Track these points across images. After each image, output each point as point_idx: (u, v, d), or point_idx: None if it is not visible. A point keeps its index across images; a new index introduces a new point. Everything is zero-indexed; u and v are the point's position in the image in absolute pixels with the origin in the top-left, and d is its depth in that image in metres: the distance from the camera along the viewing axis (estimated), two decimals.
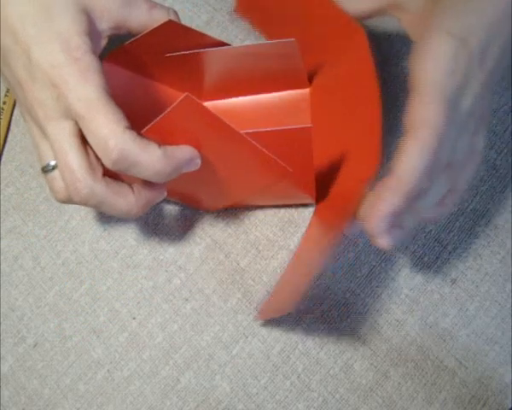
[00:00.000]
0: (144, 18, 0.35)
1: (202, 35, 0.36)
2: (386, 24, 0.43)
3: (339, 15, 0.35)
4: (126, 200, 0.32)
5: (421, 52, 0.29)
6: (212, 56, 0.38)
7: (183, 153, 0.31)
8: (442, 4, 0.30)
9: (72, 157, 0.31)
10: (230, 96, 0.42)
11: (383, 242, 0.30)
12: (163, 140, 0.31)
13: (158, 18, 0.35)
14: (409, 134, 0.29)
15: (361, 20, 0.34)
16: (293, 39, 0.35)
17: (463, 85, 0.29)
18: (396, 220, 0.30)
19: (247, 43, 0.44)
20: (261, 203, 0.40)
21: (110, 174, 0.32)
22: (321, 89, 0.41)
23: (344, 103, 0.38)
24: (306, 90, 0.42)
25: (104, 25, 0.33)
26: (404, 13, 0.33)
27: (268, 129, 0.33)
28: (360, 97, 0.35)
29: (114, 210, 0.32)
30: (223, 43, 0.37)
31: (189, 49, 0.36)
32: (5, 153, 0.42)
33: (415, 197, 0.30)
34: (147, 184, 0.33)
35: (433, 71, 0.28)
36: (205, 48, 0.36)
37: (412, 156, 0.28)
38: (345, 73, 0.38)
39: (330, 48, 0.38)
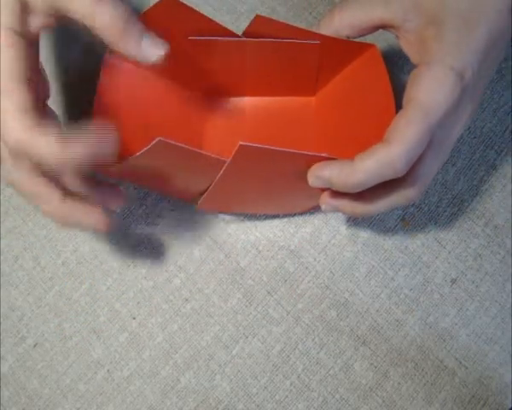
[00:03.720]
0: (87, 10, 0.30)
1: (209, 20, 0.35)
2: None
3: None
4: (46, 201, 0.31)
5: (422, 78, 0.30)
6: (226, 47, 0.37)
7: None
8: (444, 38, 0.31)
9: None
10: (235, 95, 0.42)
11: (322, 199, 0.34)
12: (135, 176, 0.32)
13: (103, 15, 0.30)
14: (384, 140, 0.30)
15: (357, 36, 0.35)
16: (317, 41, 0.35)
17: (453, 119, 0.31)
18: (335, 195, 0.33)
19: None
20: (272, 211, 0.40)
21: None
22: (327, 99, 0.41)
23: (355, 115, 0.38)
24: (312, 99, 0.41)
25: (41, 6, 0.31)
26: (401, 32, 0.33)
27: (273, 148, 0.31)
28: (374, 110, 0.35)
29: (35, 204, 0.32)
30: (232, 33, 0.36)
31: (196, 35, 0.36)
32: None
33: (354, 195, 0.32)
34: (80, 202, 0.32)
35: (429, 99, 0.29)
36: (212, 36, 0.36)
37: (372, 162, 0.29)
38: (357, 86, 0.38)
39: (340, 61, 0.38)
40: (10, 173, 0.31)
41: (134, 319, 0.38)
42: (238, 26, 0.45)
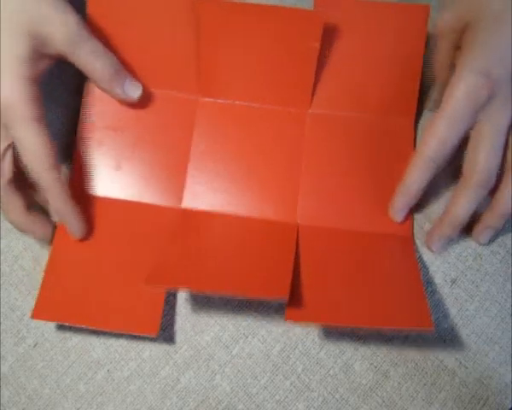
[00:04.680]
0: (87, 62, 0.37)
1: None
2: None
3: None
4: (13, 208, 0.36)
5: (450, 82, 0.35)
6: (207, 14, 0.37)
7: None
8: (474, 42, 0.35)
9: None
10: (224, 96, 0.41)
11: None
12: None
13: (97, 65, 0.37)
14: (435, 116, 0.36)
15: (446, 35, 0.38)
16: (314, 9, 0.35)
17: (486, 110, 0.35)
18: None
19: None
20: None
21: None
22: (325, 124, 0.40)
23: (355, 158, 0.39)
24: (303, 112, 0.40)
25: (50, 50, 0.36)
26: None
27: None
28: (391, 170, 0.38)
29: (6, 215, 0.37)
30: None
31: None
32: None
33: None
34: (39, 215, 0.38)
35: (454, 99, 0.35)
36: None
37: (445, 119, 0.35)
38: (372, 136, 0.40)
39: (370, 103, 0.40)
40: None
41: None
42: None
